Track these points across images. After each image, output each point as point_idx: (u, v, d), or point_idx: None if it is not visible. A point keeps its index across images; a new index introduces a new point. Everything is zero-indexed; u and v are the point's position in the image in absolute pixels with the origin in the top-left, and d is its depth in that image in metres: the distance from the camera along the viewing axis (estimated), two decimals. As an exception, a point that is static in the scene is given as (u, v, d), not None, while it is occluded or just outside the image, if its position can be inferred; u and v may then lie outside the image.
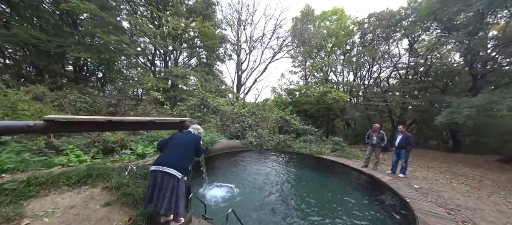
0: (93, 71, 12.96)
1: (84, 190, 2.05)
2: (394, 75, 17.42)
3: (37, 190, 1.78)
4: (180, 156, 2.30)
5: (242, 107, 10.52)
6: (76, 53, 9.24)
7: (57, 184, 1.93)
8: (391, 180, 4.82)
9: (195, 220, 2.55)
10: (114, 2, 11.30)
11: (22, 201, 1.64)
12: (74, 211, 1.77)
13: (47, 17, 10.16)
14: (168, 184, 2.09)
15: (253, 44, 19.72)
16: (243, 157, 6.79)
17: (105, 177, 2.30)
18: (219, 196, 3.73)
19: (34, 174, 1.96)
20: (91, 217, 1.80)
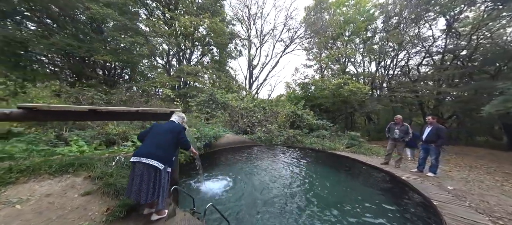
0: (120, 73, 14.19)
1: (65, 179, 2.08)
2: (426, 62, 15.14)
3: (17, 177, 1.84)
4: (161, 146, 2.18)
5: (250, 101, 10.30)
6: (99, 56, 10.11)
7: (38, 172, 1.98)
8: (416, 179, 4.08)
9: (180, 213, 2.42)
10: (132, 7, 12.06)
11: (9, 187, 1.69)
12: (50, 199, 1.77)
13: (78, 26, 11.32)
14: (150, 175, 1.99)
15: (264, 38, 19.25)
16: (249, 152, 6.59)
17: (89, 166, 2.30)
18: (214, 190, 3.58)
19: (16, 162, 2.03)
20: (66, 206, 1.78)
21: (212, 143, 5.89)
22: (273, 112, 10.27)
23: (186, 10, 12.85)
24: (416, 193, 3.54)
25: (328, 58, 18.13)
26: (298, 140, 8.26)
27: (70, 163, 2.24)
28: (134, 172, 1.99)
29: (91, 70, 12.56)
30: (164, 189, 2.15)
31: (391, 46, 16.01)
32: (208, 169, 4.62)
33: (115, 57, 10.50)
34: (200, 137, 5.34)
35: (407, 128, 4.85)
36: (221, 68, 17.46)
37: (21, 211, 1.58)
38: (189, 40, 14.16)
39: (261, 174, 4.58)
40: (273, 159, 6.03)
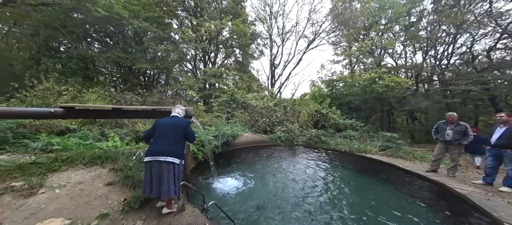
0: (157, 79, 16.21)
1: (94, 169, 2.39)
2: (502, 44, 11.75)
3: (60, 166, 2.21)
4: (172, 142, 2.26)
5: (270, 100, 10.10)
6: (139, 64, 11.70)
7: (75, 162, 2.34)
8: (479, 194, 3.15)
9: (189, 208, 2.48)
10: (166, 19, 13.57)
11: (48, 174, 2.06)
12: (81, 187, 2.05)
13: (126, 40, 13.41)
14: (168, 172, 2.08)
15: (286, 36, 18.69)
16: (268, 152, 6.42)
17: (114, 159, 2.60)
18: (226, 188, 3.58)
19: (59, 154, 2.45)
20: (92, 194, 2.04)
21: (230, 142, 5.98)
22: (294, 111, 9.81)
23: (209, 15, 13.59)
24: (480, 213, 2.71)
25: (359, 51, 16.23)
26: (321, 141, 7.63)
27: (99, 156, 2.60)
28: (152, 171, 2.08)
29: (134, 77, 14.76)
30: (176, 182, 2.22)
31: (445, 30, 13.19)
32: (224, 168, 4.68)
33: (151, 64, 11.97)
34: (218, 135, 5.49)
35: (466, 128, 3.83)
36: (244, 69, 17.81)
37: (58, 195, 1.88)
38: (214, 43, 14.94)
39: (278, 175, 4.36)
40: (293, 160, 5.69)
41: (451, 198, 3.31)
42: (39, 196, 1.87)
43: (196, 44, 13.21)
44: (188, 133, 2.39)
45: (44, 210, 1.75)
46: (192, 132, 2.43)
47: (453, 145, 3.92)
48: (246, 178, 4.14)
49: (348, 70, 18.89)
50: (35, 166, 2.16)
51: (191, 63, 16.05)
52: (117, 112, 2.53)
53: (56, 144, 2.95)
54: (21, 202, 1.77)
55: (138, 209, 2.17)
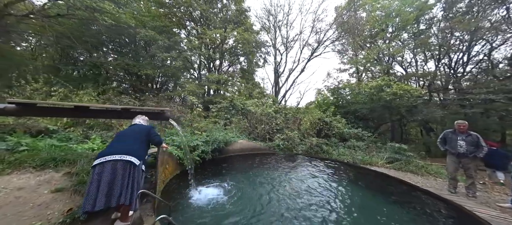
0: (166, 86, 16.62)
1: (45, 174, 2.15)
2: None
3: (3, 168, 2.00)
4: (132, 142, 2.04)
5: (270, 107, 9.75)
6: (145, 70, 12.01)
7: (23, 165, 2.13)
8: (504, 221, 2.53)
9: (150, 221, 2.13)
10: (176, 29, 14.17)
11: None
12: (19, 193, 1.81)
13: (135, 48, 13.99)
14: (123, 173, 1.83)
15: (290, 44, 18.67)
16: (263, 160, 5.99)
17: (73, 163, 2.35)
18: (207, 198, 3.20)
19: (7, 154, 2.25)
20: (30, 202, 1.78)
21: (222, 148, 5.65)
22: (295, 118, 9.37)
23: (214, 25, 13.92)
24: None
25: (366, 59, 15.72)
26: (323, 150, 7.08)
27: (53, 158, 2.37)
28: (102, 177, 1.81)
29: (143, 83, 15.26)
30: (137, 189, 1.92)
31: (458, 37, 12.49)
32: (211, 176, 4.33)
33: (155, 70, 12.25)
34: (208, 141, 5.20)
35: (477, 139, 3.28)
36: (248, 76, 17.84)
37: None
38: (219, 51, 15.16)
39: (269, 187, 3.93)
40: (289, 169, 5.22)
41: (471, 223, 2.70)
42: None
43: (200, 52, 13.46)
44: (151, 134, 2.21)
45: None
46: (155, 134, 2.25)
47: (468, 159, 3.34)
48: (232, 188, 3.76)
49: (355, 79, 18.29)
50: None
51: (195, 70, 16.33)
52: (81, 110, 2.34)
53: (25, 144, 2.79)
54: None
55: (84, 222, 1.86)
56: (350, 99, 13.03)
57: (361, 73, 18.21)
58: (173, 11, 14.26)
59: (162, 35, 12.67)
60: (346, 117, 11.35)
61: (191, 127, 6.12)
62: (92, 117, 2.48)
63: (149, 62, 12.85)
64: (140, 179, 2.02)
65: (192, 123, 6.66)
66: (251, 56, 17.57)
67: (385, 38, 15.46)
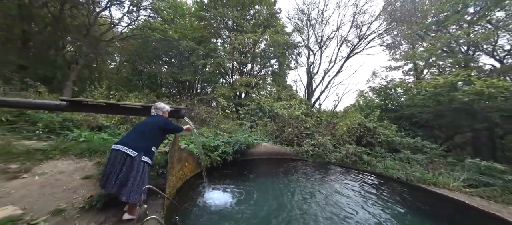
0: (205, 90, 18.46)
1: (82, 161, 2.48)
2: None
3: (55, 154, 2.42)
4: (139, 136, 2.11)
5: (298, 109, 9.01)
6: (185, 77, 13.63)
7: (68, 153, 2.52)
8: None
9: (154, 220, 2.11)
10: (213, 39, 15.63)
11: (44, 160, 2.28)
12: (59, 177, 2.11)
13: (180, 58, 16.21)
14: (123, 165, 1.91)
15: (325, 42, 17.13)
16: (288, 167, 5.45)
17: (103, 153, 2.64)
18: (219, 202, 3.03)
19: (58, 143, 2.71)
20: (64, 185, 2.04)
21: (244, 150, 5.48)
22: (328, 122, 8.30)
23: (245, 30, 14.37)
24: None
25: (429, 51, 12.44)
26: (363, 161, 5.87)
27: (89, 148, 2.74)
28: (115, 163, 1.95)
29: (186, 89, 17.53)
30: (136, 181, 1.93)
31: None
32: (229, 178, 4.18)
33: (193, 77, 13.68)
34: (230, 142, 5.15)
35: None
36: (280, 79, 17.48)
37: (33, 182, 1.99)
38: (250, 55, 15.54)
39: (289, 198, 3.44)
40: (318, 180, 4.50)
41: None
42: (19, 181, 2.04)
43: (232, 57, 14.15)
44: (167, 125, 2.27)
45: (11, 195, 1.86)
46: (171, 124, 2.32)
47: None
48: (250, 193, 3.47)
49: (411, 77, 14.91)
50: (39, 152, 2.48)
51: (228, 75, 17.27)
52: (112, 107, 2.64)
53: (84, 136, 3.43)
54: (1, 184, 1.96)
55: (100, 210, 1.99)
56: (405, 102, 10.60)
57: (422, 70, 14.66)
58: (211, 23, 15.58)
59: (201, 45, 14.10)
60: (398, 123, 9.23)
61: (217, 128, 6.29)
62: (120, 114, 2.83)
63: (189, 70, 14.51)
64: (142, 172, 2.01)
65: (219, 124, 6.85)
66: (282, 58, 17.13)
67: (462, 21, 11.79)
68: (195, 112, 6.68)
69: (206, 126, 6.29)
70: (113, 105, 2.64)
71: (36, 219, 1.69)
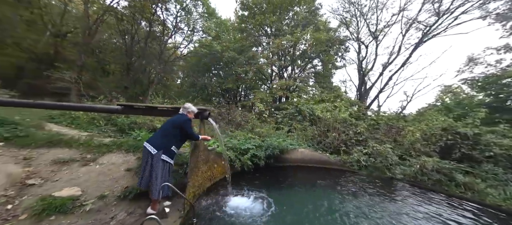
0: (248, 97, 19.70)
1: (129, 155, 2.93)
2: None
3: (112, 149, 2.98)
4: (160, 135, 2.26)
5: (343, 111, 7.52)
6: (226, 85, 14.90)
7: (120, 148, 3.05)
8: None
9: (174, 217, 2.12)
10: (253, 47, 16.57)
11: (106, 153, 2.86)
12: (110, 167, 2.56)
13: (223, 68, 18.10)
14: (146, 160, 2.10)
15: (382, 31, 14.07)
16: (333, 179, 4.50)
17: None
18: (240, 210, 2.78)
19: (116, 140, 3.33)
20: (111, 175, 2.45)
21: (278, 156, 5.04)
22: (391, 126, 6.46)
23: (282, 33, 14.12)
24: None
25: None
26: (455, 182, 4.02)
27: (134, 145, 3.22)
28: (145, 160, 2.17)
29: (229, 95, 19.29)
30: (157, 178, 2.05)
31: None
32: (258, 184, 3.88)
33: (234, 84, 14.72)
34: (262, 146, 4.87)
35: None
36: (324, 80, 15.86)
37: (95, 170, 2.50)
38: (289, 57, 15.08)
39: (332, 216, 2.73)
40: (374, 199, 3.40)
41: None
42: (86, 167, 2.62)
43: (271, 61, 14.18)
44: (185, 125, 2.31)
45: (79, 178, 2.38)
46: (189, 127, 2.33)
47: None
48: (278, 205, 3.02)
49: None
50: (105, 146, 3.16)
51: (267, 79, 17.39)
52: (151, 109, 3.05)
53: (141, 136, 4.22)
54: (76, 169, 2.57)
55: (132, 200, 2.23)
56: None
57: None
58: (251, 33, 16.42)
59: (241, 54, 15.09)
60: None
61: (251, 132, 6.21)
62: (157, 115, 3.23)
63: (232, 78, 15.76)
64: (162, 171, 2.08)
65: (254, 128, 6.77)
66: (326, 57, 15.48)
67: None
68: (231, 116, 6.93)
69: (240, 129, 6.36)
70: (153, 108, 3.04)
71: (87, 201, 2.08)
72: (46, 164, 2.59)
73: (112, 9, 14.71)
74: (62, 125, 4.36)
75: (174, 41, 19.07)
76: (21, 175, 2.39)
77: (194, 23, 17.59)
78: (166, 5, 16.33)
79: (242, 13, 16.59)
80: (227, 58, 14.69)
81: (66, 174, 2.46)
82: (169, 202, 2.43)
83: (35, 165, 2.57)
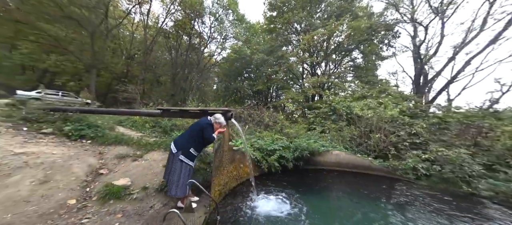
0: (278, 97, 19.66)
1: (165, 153, 3.34)
2: None
3: (154, 148, 3.48)
4: (183, 136, 2.46)
5: (392, 107, 6.17)
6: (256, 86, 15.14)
7: (160, 147, 3.52)
8: None
9: (200, 212, 2.26)
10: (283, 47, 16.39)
11: (150, 151, 3.37)
12: (152, 163, 2.98)
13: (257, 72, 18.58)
14: (169, 158, 2.35)
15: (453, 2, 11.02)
16: (380, 188, 3.80)
17: None
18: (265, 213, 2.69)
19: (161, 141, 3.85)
20: (153, 169, 2.85)
21: (308, 158, 4.66)
22: (467, 126, 4.94)
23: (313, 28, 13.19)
24: None
25: None
26: None
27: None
28: (169, 158, 2.42)
29: (260, 97, 19.63)
30: (174, 176, 2.23)
31: None
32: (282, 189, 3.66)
33: (264, 85, 14.78)
34: (289, 147, 4.62)
35: None
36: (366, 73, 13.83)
37: (141, 164, 2.98)
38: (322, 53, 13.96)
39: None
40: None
41: None
42: (136, 162, 3.14)
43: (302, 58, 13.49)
44: (205, 128, 2.38)
45: (130, 171, 2.88)
46: (207, 131, 2.37)
47: None
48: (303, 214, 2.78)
49: None
50: (150, 145, 3.74)
51: (298, 78, 16.62)
52: (183, 112, 3.41)
53: (178, 137, 4.82)
54: (130, 163, 3.12)
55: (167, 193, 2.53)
56: None
57: None
58: (279, 32, 16.17)
59: (270, 55, 15.06)
60: None
61: (280, 133, 6.01)
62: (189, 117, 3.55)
63: (262, 80, 15.93)
64: (180, 171, 2.23)
65: (283, 128, 6.54)
66: (368, 47, 13.42)
67: None
68: (260, 117, 6.94)
69: (269, 130, 6.27)
70: (185, 110, 3.38)
71: (134, 190, 2.50)
72: (111, 158, 3.30)
73: (163, 30, 17.71)
74: (126, 128, 5.50)
75: (209, 49, 21.08)
76: (96, 166, 3.12)
77: (226, 31, 18.95)
78: (202, 19, 18.28)
79: (271, 14, 16.55)
80: (256, 60, 14.96)
81: (122, 166, 3.05)
82: (197, 198, 2.62)
83: (105, 159, 3.31)
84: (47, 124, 3.89)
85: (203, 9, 17.47)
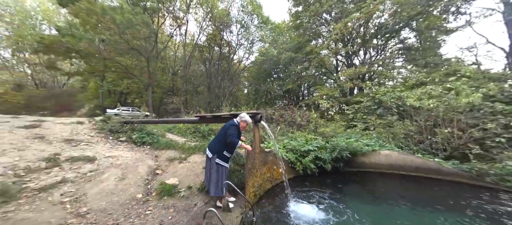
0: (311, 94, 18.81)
1: (204, 156, 3.66)
2: None
3: (195, 151, 3.87)
4: (215, 140, 2.66)
5: (466, 95, 4.68)
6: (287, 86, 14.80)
7: (199, 151, 3.88)
8: None
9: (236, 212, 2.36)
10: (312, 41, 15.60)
11: (192, 154, 3.79)
12: (193, 165, 3.33)
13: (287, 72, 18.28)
14: (206, 163, 2.59)
15: None
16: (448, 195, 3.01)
17: None
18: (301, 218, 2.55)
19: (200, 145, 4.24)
20: (194, 170, 3.19)
21: (348, 159, 4.15)
22: None
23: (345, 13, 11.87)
24: None
25: None
26: None
27: None
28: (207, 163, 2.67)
29: (290, 96, 19.15)
30: (212, 178, 2.44)
31: None
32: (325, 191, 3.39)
33: (294, 84, 14.30)
34: (326, 147, 4.25)
35: None
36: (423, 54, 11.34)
37: (186, 166, 3.37)
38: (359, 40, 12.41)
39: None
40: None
41: None
42: (181, 164, 3.57)
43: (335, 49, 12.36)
44: (227, 130, 2.49)
45: (177, 172, 3.30)
46: (230, 133, 2.45)
47: None
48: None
49: None
50: (192, 149, 4.19)
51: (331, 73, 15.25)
52: (216, 117, 3.69)
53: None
54: (177, 164, 3.58)
55: (207, 192, 2.77)
56: None
57: None
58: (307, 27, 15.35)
59: (298, 52, 14.48)
60: None
61: (314, 132, 5.65)
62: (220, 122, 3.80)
63: (291, 79, 15.48)
64: (218, 173, 2.40)
65: (318, 128, 6.11)
66: (425, 21, 10.91)
67: None
68: (291, 117, 6.72)
69: (302, 130, 5.98)
70: (218, 116, 3.65)
71: (181, 189, 2.86)
72: (164, 160, 3.90)
73: (198, 45, 19.91)
74: (174, 134, 6.41)
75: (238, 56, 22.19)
76: (154, 167, 3.76)
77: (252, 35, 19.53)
78: (229, 28, 19.48)
79: (296, 10, 15.97)
80: (284, 59, 14.68)
81: (172, 168, 3.55)
82: (234, 198, 2.75)
83: (159, 161, 3.95)
84: (122, 134, 4.97)
85: (230, 19, 18.61)
